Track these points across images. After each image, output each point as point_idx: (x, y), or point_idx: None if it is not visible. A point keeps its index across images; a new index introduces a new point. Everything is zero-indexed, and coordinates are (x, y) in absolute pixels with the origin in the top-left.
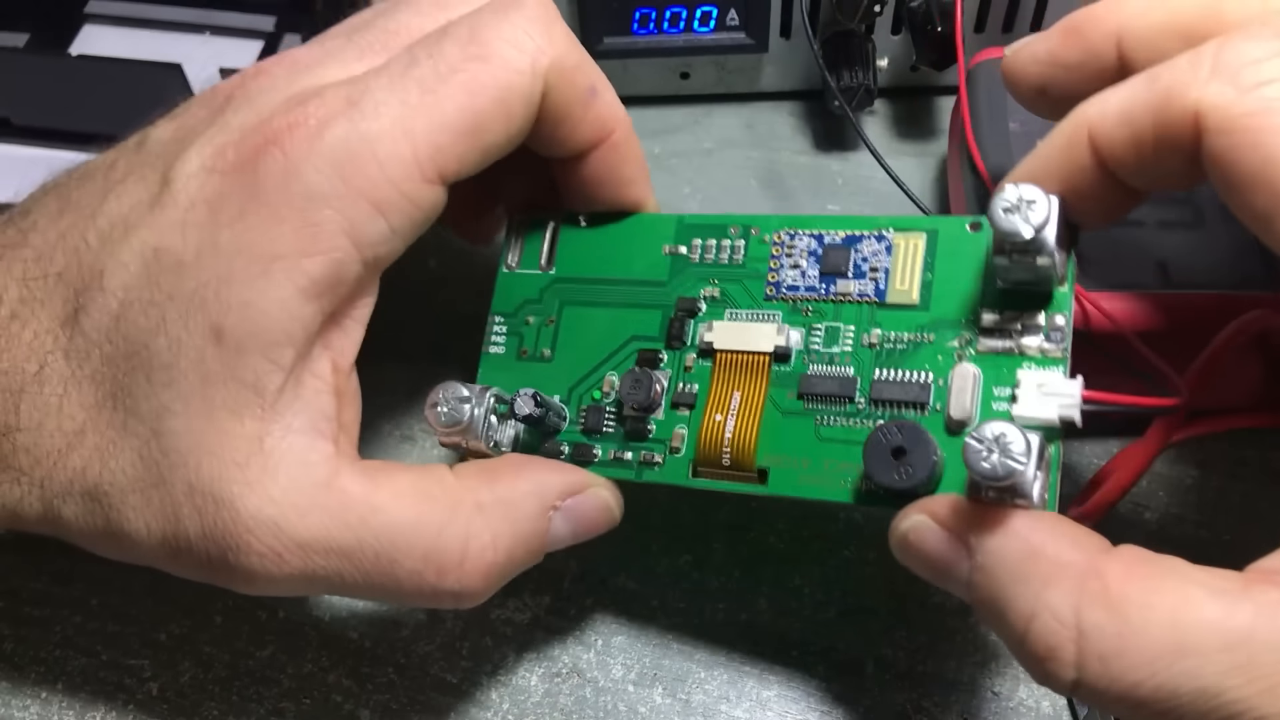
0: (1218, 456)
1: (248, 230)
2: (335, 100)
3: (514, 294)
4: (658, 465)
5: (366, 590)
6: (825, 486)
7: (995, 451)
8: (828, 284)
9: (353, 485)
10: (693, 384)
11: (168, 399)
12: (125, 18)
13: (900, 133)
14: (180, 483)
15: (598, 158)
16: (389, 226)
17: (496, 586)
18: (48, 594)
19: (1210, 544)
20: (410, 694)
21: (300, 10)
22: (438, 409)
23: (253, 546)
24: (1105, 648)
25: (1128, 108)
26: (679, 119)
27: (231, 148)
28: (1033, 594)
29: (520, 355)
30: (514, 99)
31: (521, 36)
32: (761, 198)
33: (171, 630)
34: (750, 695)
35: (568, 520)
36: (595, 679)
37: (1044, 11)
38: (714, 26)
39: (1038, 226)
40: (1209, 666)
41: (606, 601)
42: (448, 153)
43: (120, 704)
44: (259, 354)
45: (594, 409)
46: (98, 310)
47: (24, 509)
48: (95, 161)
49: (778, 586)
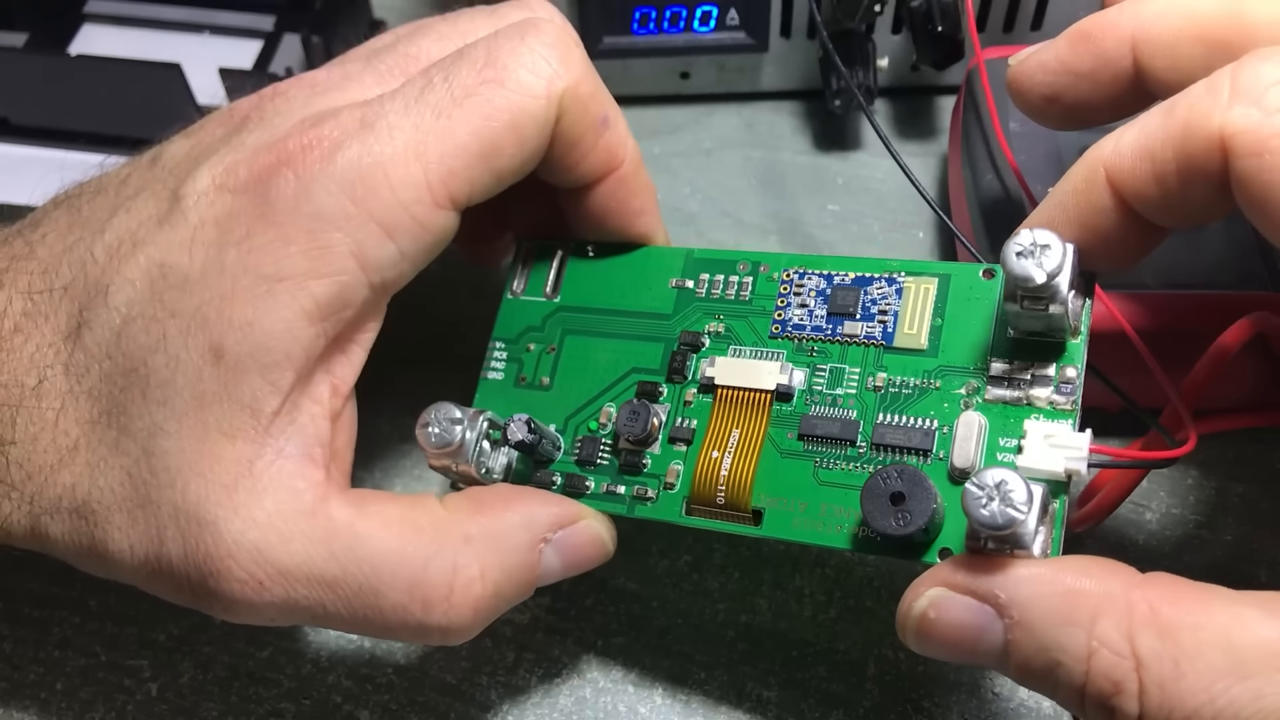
0: (1218, 456)
1: (255, 250)
2: (349, 122)
3: (517, 321)
4: (651, 501)
5: (350, 622)
6: (821, 531)
7: (995, 499)
8: (835, 325)
9: (339, 513)
10: (691, 419)
11: (161, 417)
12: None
13: (900, 133)
14: (166, 504)
15: (605, 189)
16: (398, 250)
17: (485, 622)
18: (47, 594)
19: (1211, 544)
20: (410, 694)
21: (300, 10)
22: (428, 429)
23: (233, 572)
24: (1163, 673)
25: (1146, 142)
26: (679, 119)
27: (243, 166)
28: (1084, 633)
29: (519, 382)
30: (528, 124)
31: (538, 61)
32: (762, 197)
33: (170, 631)
34: (750, 695)
35: (559, 553)
36: (595, 679)
37: (1044, 11)
38: (714, 26)
39: (1051, 272)
40: (1269, 687)
41: (606, 602)
42: (460, 177)
43: (119, 704)
44: (258, 374)
45: (589, 440)
46: (100, 325)
47: (11, 524)
48: (108, 175)
49: (778, 587)
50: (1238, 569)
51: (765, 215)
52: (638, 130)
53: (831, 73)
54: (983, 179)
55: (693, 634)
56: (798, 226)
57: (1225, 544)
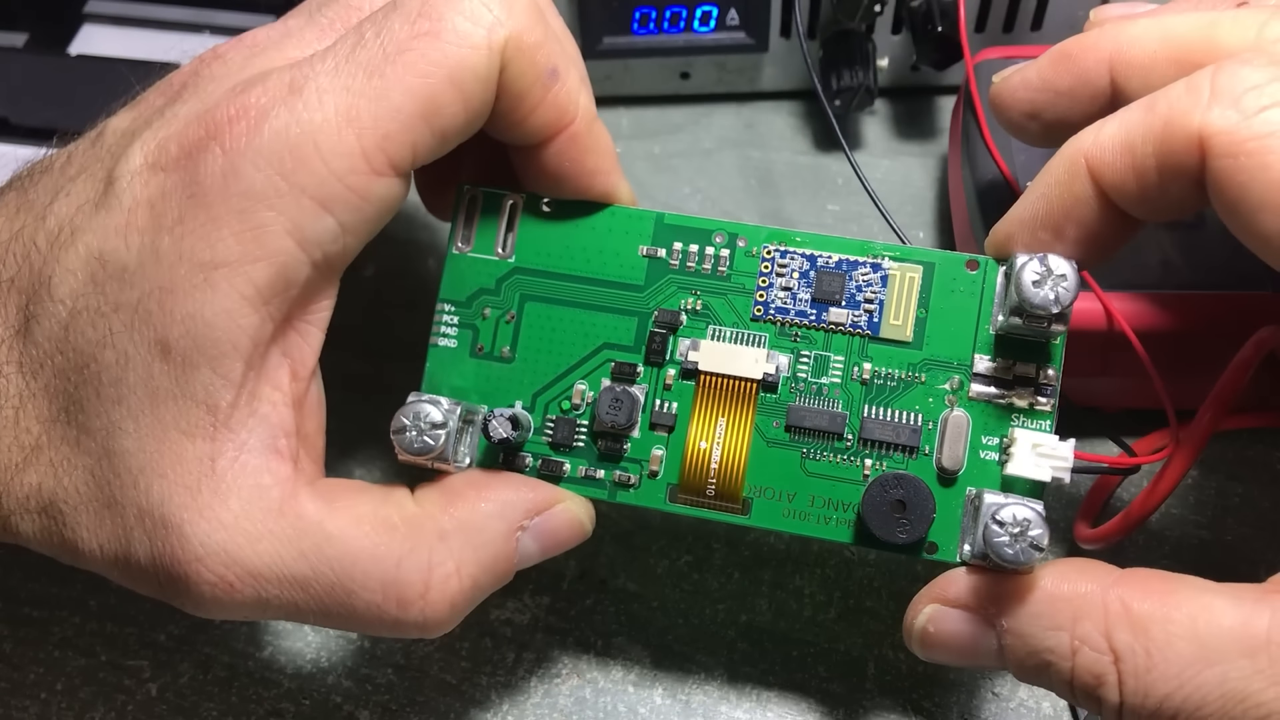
0: (1219, 457)
1: (187, 235)
2: (276, 87)
3: (467, 281)
4: (634, 487)
5: (323, 619)
6: (810, 523)
7: (1020, 541)
8: (819, 311)
9: (308, 510)
10: (671, 403)
11: (118, 416)
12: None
13: (900, 133)
14: (131, 505)
15: (556, 148)
16: (337, 224)
17: (463, 614)
18: (47, 594)
19: (1211, 544)
20: (410, 694)
21: None
22: (406, 434)
23: (202, 575)
24: (1138, 665)
25: (1126, 136)
26: (679, 119)
27: (174, 141)
28: (1067, 634)
29: (476, 351)
30: (468, 78)
31: (477, 7)
32: (762, 197)
33: (170, 631)
34: (750, 695)
35: (536, 539)
36: (595, 679)
37: (1044, 11)
38: (714, 26)
39: (1067, 303)
40: (1234, 672)
41: (606, 602)
42: (398, 140)
43: (119, 704)
44: (207, 368)
45: (564, 421)
46: (48, 319)
47: None
48: (56, 155)
49: (778, 587)
50: (1238, 569)
51: (765, 215)
52: (638, 130)
53: (831, 72)
54: (983, 179)
55: (693, 634)
56: (798, 226)
57: (1225, 544)
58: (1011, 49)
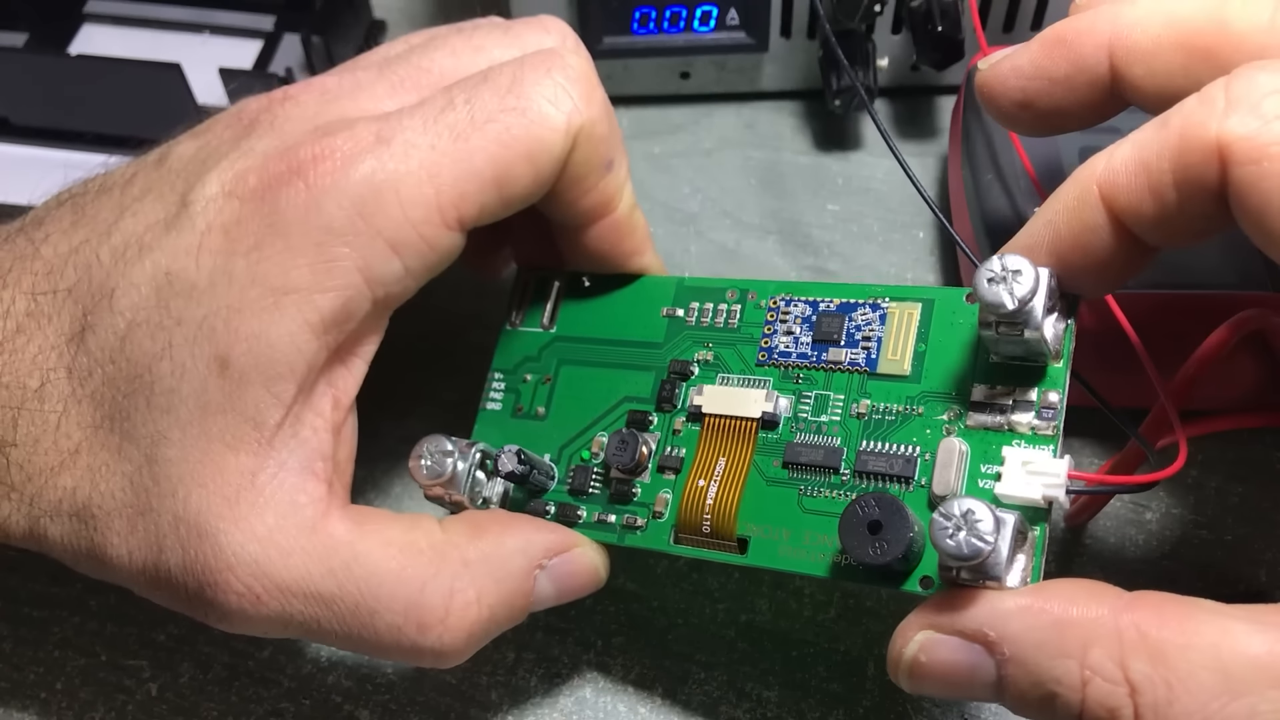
0: (1218, 456)
1: (263, 260)
2: (365, 136)
3: (515, 352)
4: (640, 530)
5: (344, 639)
6: (804, 560)
7: (962, 529)
8: (819, 351)
9: (339, 530)
10: (680, 448)
11: (165, 425)
12: (124, 17)
13: (900, 133)
14: (167, 513)
15: (598, 231)
16: (403, 267)
17: (477, 646)
18: (47, 594)
19: (1211, 544)
20: (410, 694)
21: (300, 10)
22: (421, 461)
23: (231, 585)
24: (1157, 698)
25: (1141, 155)
26: (679, 119)
27: (254, 174)
28: (1076, 663)
29: (516, 412)
30: (543, 155)
31: (561, 95)
32: (762, 197)
33: (170, 631)
34: (750, 695)
35: (553, 580)
36: (595, 679)
37: (1044, 11)
38: (714, 26)
39: (1022, 299)
40: (1263, 705)
41: (606, 601)
42: (471, 200)
43: (119, 704)
44: (262, 386)
45: (581, 469)
46: (105, 329)
47: (10, 525)
48: (114, 174)
49: (778, 587)
50: (1238, 569)
51: (765, 215)
52: (638, 130)
53: (831, 72)
54: (982, 179)
55: (693, 634)
56: (798, 226)
57: (1225, 544)
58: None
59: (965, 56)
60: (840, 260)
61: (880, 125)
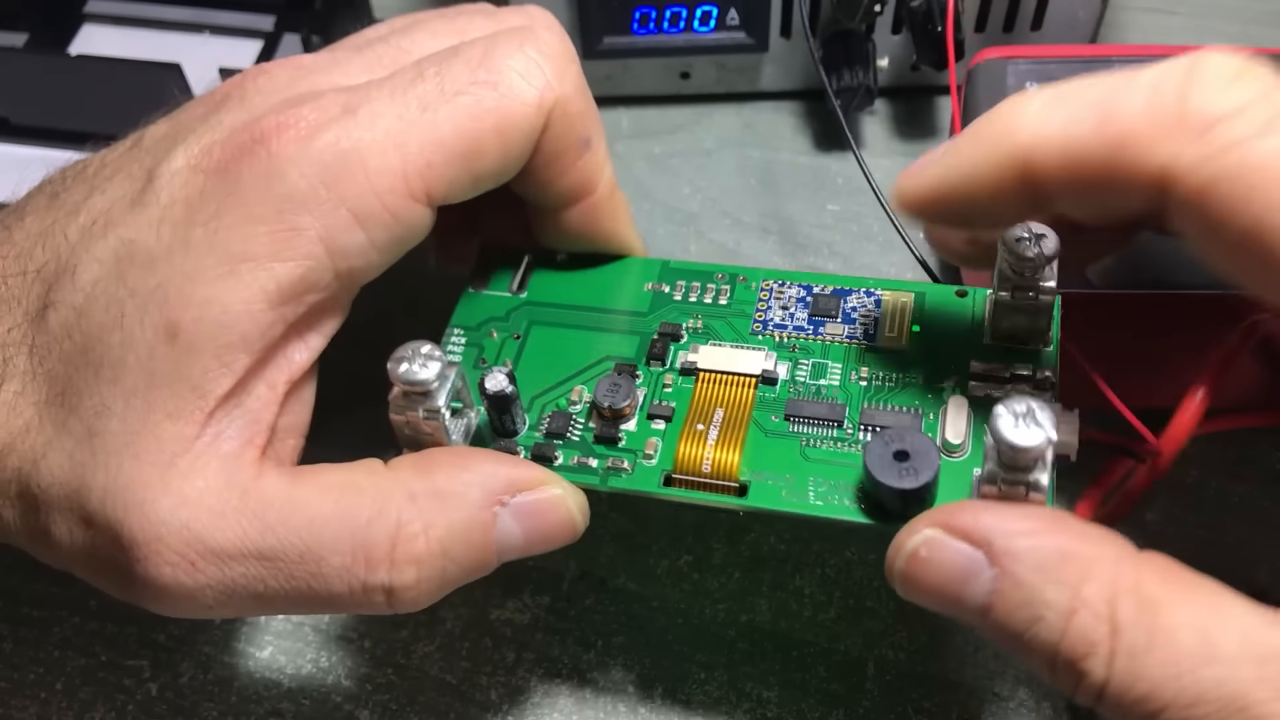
0: (1219, 456)
1: (222, 229)
2: (332, 106)
3: (477, 312)
4: (626, 472)
5: (293, 599)
6: (809, 503)
7: (1028, 423)
8: (816, 325)
9: (273, 485)
10: (670, 402)
11: (109, 397)
12: (124, 17)
13: (900, 133)
14: (98, 487)
15: (577, 212)
16: (367, 239)
17: (434, 586)
18: (47, 594)
19: (1211, 544)
20: (410, 694)
21: (300, 10)
22: (401, 364)
23: (163, 555)
24: (1136, 643)
25: (1073, 145)
26: (679, 119)
27: (218, 146)
28: (1070, 591)
29: (479, 364)
30: (513, 130)
31: (534, 69)
32: (762, 197)
33: (170, 631)
34: (750, 695)
35: (518, 519)
36: (595, 679)
37: (1044, 11)
38: (714, 26)
39: (1049, 256)
40: (1239, 673)
41: (606, 602)
42: (438, 172)
43: (119, 704)
44: (211, 355)
45: (559, 414)
46: (64, 305)
47: None
48: (90, 159)
49: (778, 587)
50: (1238, 569)
51: (765, 215)
52: (638, 130)
53: (831, 72)
54: None
55: (693, 634)
56: (798, 226)
57: (1225, 544)
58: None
59: (965, 56)
60: (840, 260)
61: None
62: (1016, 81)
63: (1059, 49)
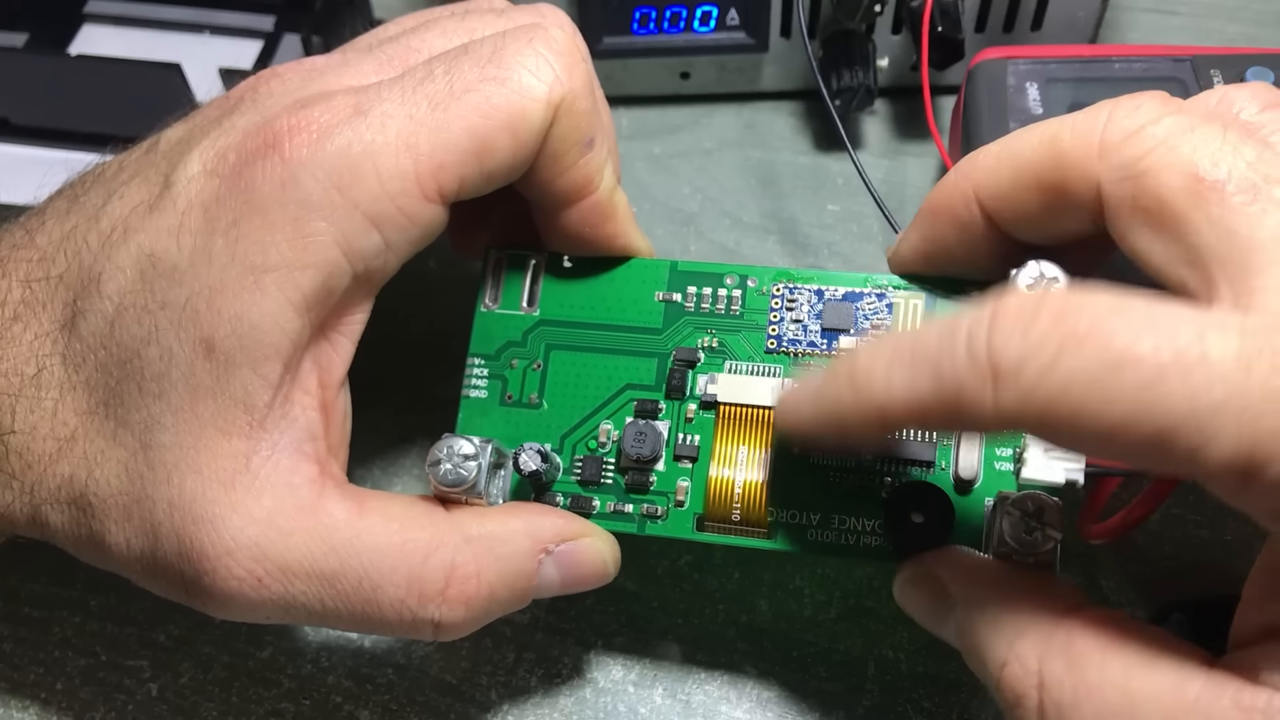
0: None
1: (241, 238)
2: (342, 107)
3: (494, 335)
4: (661, 519)
5: (347, 618)
6: (835, 543)
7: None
8: (829, 340)
9: (339, 509)
10: (694, 436)
11: (158, 411)
12: (124, 17)
13: (900, 133)
14: (162, 500)
15: (577, 212)
16: (383, 241)
17: (477, 622)
18: (47, 594)
19: (1210, 544)
20: (410, 694)
21: (300, 10)
22: (440, 467)
23: (232, 570)
24: (1062, 699)
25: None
26: (679, 119)
27: (233, 150)
28: (1005, 643)
29: (505, 400)
30: (523, 127)
31: (543, 66)
32: (762, 197)
33: (170, 631)
34: (750, 695)
35: (558, 567)
36: (595, 679)
37: (1044, 11)
38: (714, 26)
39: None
40: None
41: (606, 601)
42: (450, 171)
43: (119, 704)
44: (248, 369)
45: (591, 459)
46: (94, 315)
47: (13, 513)
48: (108, 163)
49: (778, 587)
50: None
51: (765, 215)
52: (638, 130)
53: (831, 73)
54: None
55: (693, 634)
56: (798, 226)
57: (1225, 544)
58: (1012, 49)
59: (966, 56)
60: (840, 260)
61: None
62: (1016, 81)
63: (1059, 49)
